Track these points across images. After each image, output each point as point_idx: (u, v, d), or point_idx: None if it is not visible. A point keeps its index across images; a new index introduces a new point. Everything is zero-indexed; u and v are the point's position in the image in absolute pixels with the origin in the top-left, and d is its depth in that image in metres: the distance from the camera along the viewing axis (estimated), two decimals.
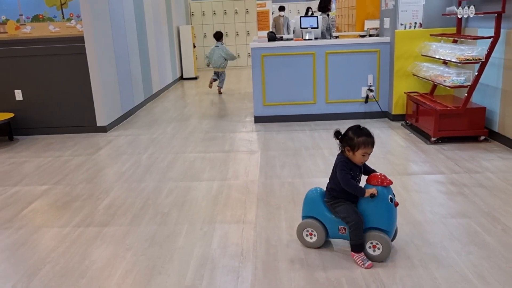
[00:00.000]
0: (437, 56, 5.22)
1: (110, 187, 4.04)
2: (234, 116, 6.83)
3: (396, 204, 2.59)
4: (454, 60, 4.79)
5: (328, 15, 7.18)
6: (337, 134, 2.64)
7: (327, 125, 5.97)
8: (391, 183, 2.60)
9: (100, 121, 6.04)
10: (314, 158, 4.62)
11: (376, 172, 2.68)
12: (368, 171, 2.72)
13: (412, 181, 3.88)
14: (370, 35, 6.56)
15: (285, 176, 4.15)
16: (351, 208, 2.60)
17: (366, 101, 6.12)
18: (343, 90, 6.11)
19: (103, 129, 6.05)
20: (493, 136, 4.90)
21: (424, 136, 5.16)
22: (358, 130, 2.58)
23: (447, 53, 5.03)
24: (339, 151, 2.68)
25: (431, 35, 5.57)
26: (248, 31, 13.43)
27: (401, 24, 5.69)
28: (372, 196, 2.53)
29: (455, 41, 5.31)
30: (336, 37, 7.33)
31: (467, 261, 2.59)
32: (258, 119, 6.27)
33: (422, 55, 5.59)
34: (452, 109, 4.84)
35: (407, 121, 5.74)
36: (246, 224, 3.19)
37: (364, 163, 2.68)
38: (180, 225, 3.22)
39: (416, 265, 2.58)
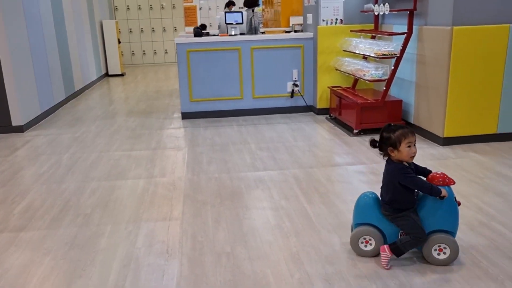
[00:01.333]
0: (357, 51, 5.43)
1: (27, 190, 3.82)
2: (161, 113, 6.71)
3: (459, 204, 2.47)
4: (373, 55, 5.01)
5: (253, 10, 7.23)
6: (373, 142, 2.52)
7: (254, 120, 6.03)
8: (454, 182, 2.46)
9: (16, 120, 5.68)
10: (241, 153, 4.64)
11: (431, 171, 2.52)
12: (420, 170, 2.54)
13: (335, 172, 4.02)
14: (295, 31, 6.69)
15: (212, 171, 4.14)
16: (416, 223, 2.42)
17: (291, 96, 6.25)
18: (269, 85, 6.19)
19: (20, 129, 5.70)
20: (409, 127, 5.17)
21: (347, 128, 5.36)
22: (390, 128, 2.47)
23: (366, 48, 5.24)
24: (385, 159, 2.53)
25: (351, 31, 5.78)
26: (175, 27, 13.22)
27: (323, 20, 5.85)
28: (442, 198, 2.39)
29: (373, 37, 5.55)
30: (262, 32, 7.41)
31: None
32: (186, 115, 6.20)
33: (343, 50, 5.79)
34: (372, 102, 5.06)
35: (331, 115, 5.93)
36: (172, 221, 3.15)
37: (414, 163, 2.53)
38: (103, 226, 3.11)
39: (337, 252, 2.67)
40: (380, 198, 2.60)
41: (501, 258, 2.55)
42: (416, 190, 2.50)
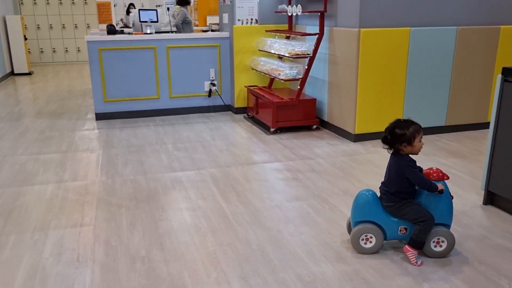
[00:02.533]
0: (272, 51, 5.54)
1: None
2: (74, 114, 6.40)
3: (452, 197, 2.56)
4: (287, 55, 5.13)
5: (186, 8, 7.12)
6: (385, 139, 2.54)
7: (172, 120, 5.94)
8: (448, 177, 2.57)
9: None
10: (158, 154, 4.55)
11: (422, 168, 2.61)
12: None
13: (252, 170, 4.06)
14: (212, 30, 6.68)
15: (128, 173, 4.01)
16: (421, 208, 2.51)
17: (209, 95, 6.23)
18: (187, 84, 6.13)
19: None
20: (323, 125, 5.37)
21: (264, 127, 5.45)
22: (403, 123, 2.51)
23: (280, 48, 5.36)
24: (391, 153, 2.58)
25: (266, 31, 5.88)
26: (88, 24, 12.67)
27: (239, 20, 5.90)
28: (441, 192, 2.48)
29: (287, 37, 5.69)
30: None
31: (299, 241, 2.80)
32: (100, 116, 5.96)
33: (259, 50, 5.88)
34: (287, 101, 5.19)
35: (249, 114, 5.99)
36: (84, 227, 3.01)
37: None
38: (6, 236, 2.90)
39: (254, 249, 2.70)
40: (379, 193, 2.65)
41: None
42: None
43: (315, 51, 5.03)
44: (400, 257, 2.59)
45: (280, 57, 5.61)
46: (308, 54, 5.05)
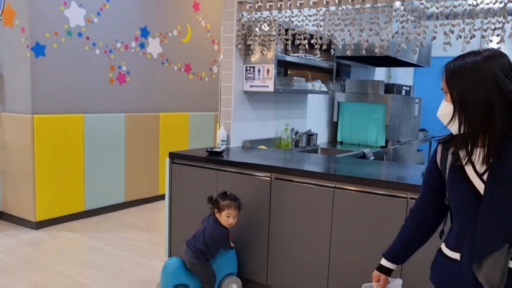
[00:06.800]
0: None
1: None
2: None
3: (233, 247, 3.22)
4: None
5: None
6: (210, 199, 3.09)
7: None
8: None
9: None
10: None
11: None
12: None
13: None
14: None
15: None
16: (213, 272, 3.07)
17: None
18: None
19: None
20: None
21: None
22: (224, 194, 3.07)
23: None
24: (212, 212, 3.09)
25: None
26: None
27: None
28: (231, 249, 3.17)
29: None
30: None
31: None
32: None
33: None
34: None
35: None
36: None
37: None
38: None
39: None
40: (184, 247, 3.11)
41: None
42: None
43: None
44: None
45: None
46: None
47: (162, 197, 5.59)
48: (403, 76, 7.78)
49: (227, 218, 3.02)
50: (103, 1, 5.03)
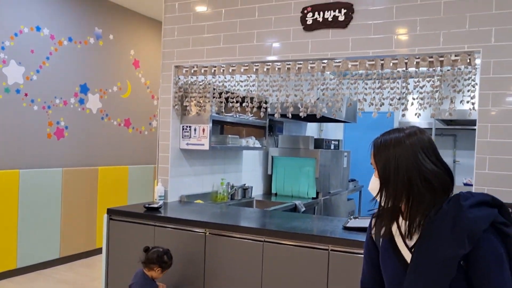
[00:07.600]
0: None
1: None
2: None
3: None
4: None
5: None
6: (146, 248, 3.15)
7: None
8: None
9: None
10: None
11: None
12: None
13: None
14: None
15: None
16: None
17: None
18: None
19: None
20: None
21: None
22: (161, 251, 3.12)
23: None
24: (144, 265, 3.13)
25: None
26: None
27: None
28: None
29: None
30: None
31: None
32: None
33: None
34: None
35: None
36: None
37: None
38: None
39: None
40: None
41: None
42: None
43: None
44: None
45: None
46: None
47: (99, 250, 5.56)
48: (334, 130, 8.29)
49: (157, 272, 3.12)
50: (42, 59, 5.16)
